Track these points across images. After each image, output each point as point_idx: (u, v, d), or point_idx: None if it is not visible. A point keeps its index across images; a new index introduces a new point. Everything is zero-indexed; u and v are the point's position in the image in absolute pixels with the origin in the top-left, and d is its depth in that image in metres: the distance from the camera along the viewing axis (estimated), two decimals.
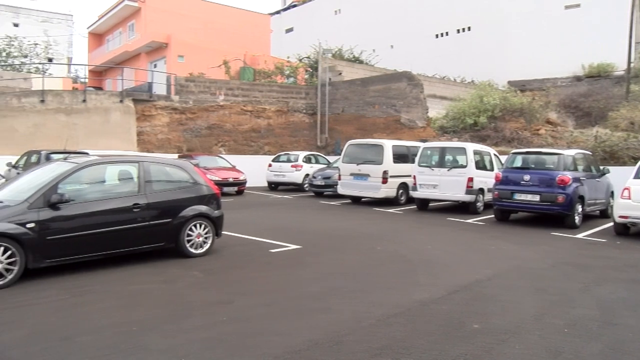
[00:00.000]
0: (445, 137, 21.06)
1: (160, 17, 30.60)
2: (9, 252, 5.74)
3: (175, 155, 18.98)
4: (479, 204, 13.66)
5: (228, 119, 23.76)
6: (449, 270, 7.16)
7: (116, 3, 33.65)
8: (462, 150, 13.65)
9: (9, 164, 15.03)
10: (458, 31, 41.15)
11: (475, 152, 13.73)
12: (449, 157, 14.05)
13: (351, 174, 15.64)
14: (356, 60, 31.65)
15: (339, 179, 16.11)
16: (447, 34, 41.88)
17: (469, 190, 13.30)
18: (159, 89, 23.00)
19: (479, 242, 9.50)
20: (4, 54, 30.75)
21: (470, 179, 13.29)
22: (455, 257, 8.10)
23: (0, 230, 5.71)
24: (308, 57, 31.08)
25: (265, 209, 14.56)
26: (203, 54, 29.10)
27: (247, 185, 19.06)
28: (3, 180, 12.37)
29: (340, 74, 26.67)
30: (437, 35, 42.51)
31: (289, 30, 54.09)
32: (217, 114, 23.46)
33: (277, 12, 56.88)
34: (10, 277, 5.78)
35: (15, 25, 44.15)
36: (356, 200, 16.37)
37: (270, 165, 20.82)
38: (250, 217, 12.32)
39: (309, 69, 30.37)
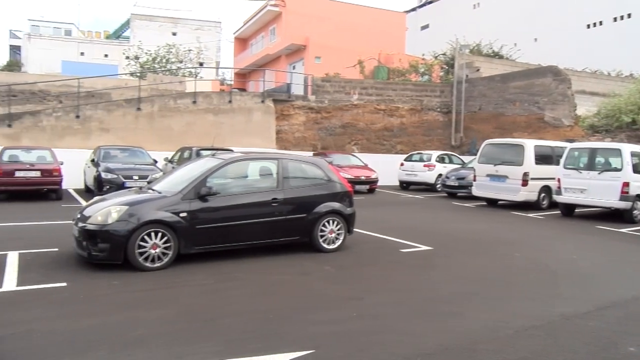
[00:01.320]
0: (596, 137, 19.18)
1: (299, 20, 31.89)
2: (165, 238, 6.42)
3: (311, 153, 19.70)
4: (636, 212, 12.24)
5: (361, 117, 24.06)
6: (598, 284, 6.53)
7: (259, 9, 35.76)
8: (617, 152, 12.32)
9: (166, 159, 16.75)
10: (615, 19, 37.21)
11: (633, 154, 12.32)
12: (600, 159, 12.78)
13: (487, 175, 14.94)
14: (495, 56, 30.13)
15: (474, 180, 15.48)
16: (600, 23, 38.10)
17: (624, 196, 11.97)
18: (297, 89, 24.02)
19: (636, 255, 8.52)
20: (164, 60, 34.29)
21: (626, 184, 11.95)
22: (605, 270, 7.36)
23: (159, 218, 6.41)
24: (444, 54, 30.27)
25: (396, 208, 14.49)
26: (339, 55, 29.75)
27: (379, 183, 19.13)
28: (161, 173, 13.81)
29: (477, 70, 25.59)
30: (588, 26, 38.88)
31: (425, 27, 53.16)
32: (350, 113, 23.87)
33: (413, 10, 56.20)
34: (166, 260, 6.45)
35: (174, 34, 49.01)
36: (492, 203, 15.60)
37: (402, 165, 20.68)
38: (381, 216, 12.36)
39: (444, 66, 29.58)
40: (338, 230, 7.94)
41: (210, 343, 4.10)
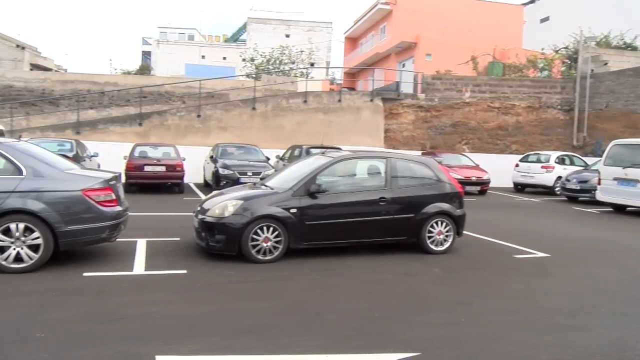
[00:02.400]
0: None
1: (410, 17, 31.44)
2: (276, 232, 6.67)
3: (419, 152, 19.36)
4: None
5: (473, 116, 23.18)
6: None
7: (370, 8, 35.81)
8: None
9: (277, 157, 17.39)
10: None
11: None
12: None
13: (615, 179, 13.67)
14: (627, 47, 27.46)
15: (599, 184, 14.24)
16: None
17: None
18: (406, 87, 23.72)
19: None
20: (277, 61, 35.58)
21: None
22: None
23: (271, 213, 6.68)
24: (566, 48, 28.21)
25: (510, 212, 13.78)
26: (450, 51, 28.90)
27: (491, 185, 18.31)
28: (273, 170, 14.37)
29: (605, 64, 23.52)
30: None
31: (544, 19, 49.80)
32: (462, 111, 23.10)
33: (531, 2, 52.92)
34: (276, 254, 6.71)
35: (287, 36, 50.63)
36: (619, 209, 14.24)
37: (517, 165, 19.61)
38: (492, 219, 11.83)
39: (566, 60, 27.57)
40: (447, 231, 7.73)
41: (317, 337, 4.19)
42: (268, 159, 16.25)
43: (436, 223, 7.66)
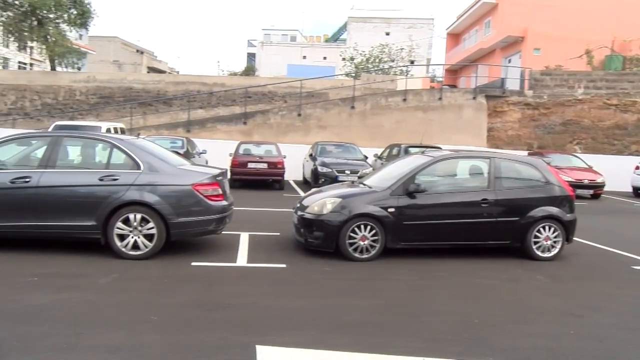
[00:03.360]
0: None
1: (517, 10, 29.87)
2: (373, 231, 6.66)
3: (525, 153, 18.35)
4: None
5: (587, 114, 21.53)
6: None
7: (474, 2, 34.52)
8: None
9: (375, 155, 17.35)
10: None
11: None
12: None
13: None
14: None
15: None
16: None
17: None
18: (512, 84, 22.58)
19: None
20: (377, 60, 35.47)
21: None
22: None
23: (369, 211, 6.68)
24: None
25: (628, 218, 12.65)
26: (562, 45, 27.05)
27: (605, 189, 16.90)
28: (371, 169, 14.36)
29: None
30: None
31: None
32: (574, 109, 21.55)
33: None
34: (373, 252, 6.70)
35: (387, 34, 50.29)
36: None
37: (637, 168, 17.93)
38: (607, 225, 10.93)
39: None
40: (555, 237, 7.26)
41: (413, 338, 4.13)
42: (366, 157, 16.26)
43: (543, 228, 7.22)
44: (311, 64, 53.45)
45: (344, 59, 38.30)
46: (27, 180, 6.16)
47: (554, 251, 7.27)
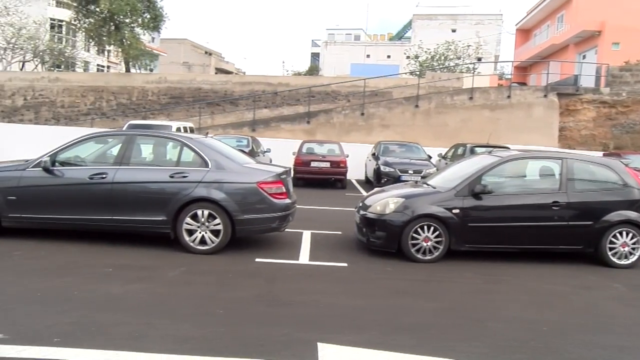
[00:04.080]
0: None
1: (593, 3, 28.29)
2: (437, 232, 6.54)
3: (600, 154, 17.38)
4: None
5: None
6: None
7: None
8: None
9: (439, 155, 17.02)
10: None
11: None
12: None
13: None
14: None
15: None
16: None
17: None
18: (586, 81, 21.48)
19: None
20: (442, 58, 34.78)
21: None
22: None
23: (432, 212, 6.57)
24: None
25: None
26: None
27: None
28: (435, 169, 14.11)
29: None
30: None
31: None
32: None
33: None
34: (436, 254, 6.57)
35: (453, 30, 49.23)
36: None
37: None
38: None
39: None
40: (633, 243, 6.82)
41: (478, 344, 4.02)
42: (430, 157, 15.99)
43: (620, 233, 6.80)
44: (375, 62, 53.21)
45: (408, 57, 37.81)
46: (104, 176, 6.51)
47: (633, 258, 6.84)
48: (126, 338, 3.72)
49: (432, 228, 6.54)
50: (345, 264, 6.32)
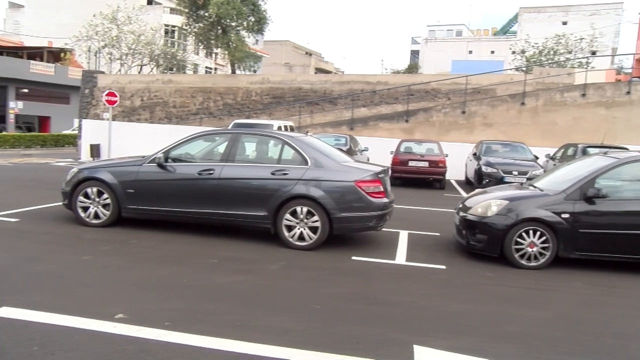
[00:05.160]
0: None
1: None
2: (543, 238, 6.17)
3: None
4: None
5: None
6: None
7: None
8: None
9: (547, 156, 16.03)
10: None
11: None
12: None
13: None
14: None
15: None
16: None
17: None
18: None
19: None
20: (551, 52, 32.72)
21: None
22: None
23: (539, 216, 6.20)
24: None
25: None
26: None
27: None
28: (542, 170, 13.32)
29: None
30: None
31: None
32: None
33: None
34: (542, 260, 6.21)
35: (564, 23, 46.13)
36: None
37: None
38: None
39: None
40: None
41: None
42: (536, 157, 15.11)
43: None
44: (477, 59, 51.30)
45: (513, 52, 36.03)
46: (211, 172, 6.90)
47: None
48: (229, 326, 3.91)
49: (538, 233, 6.19)
50: (444, 267, 6.17)
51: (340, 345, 3.71)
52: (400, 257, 6.54)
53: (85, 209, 7.28)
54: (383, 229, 7.31)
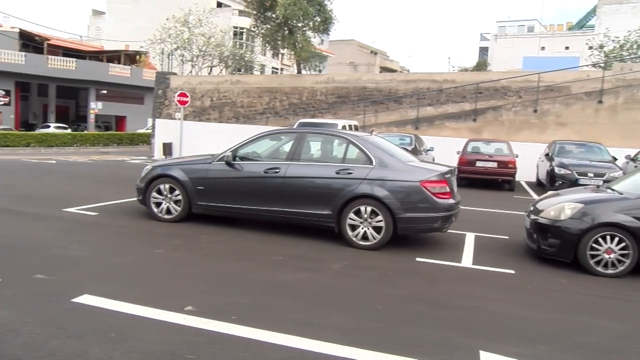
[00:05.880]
0: None
1: None
2: (622, 244, 5.80)
3: None
4: None
5: None
6: None
7: None
8: None
9: (627, 157, 15.08)
10: None
11: None
12: None
13: None
14: None
15: None
16: None
17: None
18: None
19: None
20: (634, 46, 30.73)
21: None
22: None
23: (617, 221, 5.84)
24: None
25: None
26: None
27: None
28: (621, 172, 12.56)
29: None
30: None
31: None
32: None
33: None
34: (621, 268, 5.84)
35: None
36: None
37: None
38: None
39: None
40: None
41: None
42: (615, 159, 14.23)
43: None
44: (550, 55, 49.08)
45: (590, 47, 34.08)
46: (277, 170, 7.02)
47: None
48: (294, 323, 3.97)
49: (616, 239, 5.83)
50: (513, 271, 5.95)
51: (404, 347, 3.67)
52: (467, 260, 6.37)
53: (158, 204, 7.62)
54: (449, 231, 7.16)
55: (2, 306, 3.91)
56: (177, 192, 7.51)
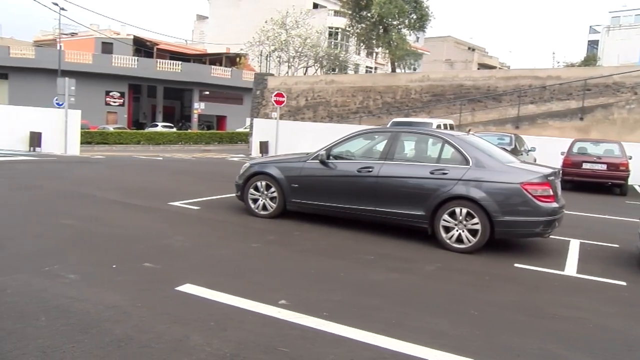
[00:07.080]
0: None
1: None
2: None
3: None
4: None
5: None
6: None
7: None
8: None
9: None
10: None
11: None
12: None
13: None
14: None
15: None
16: None
17: None
18: None
19: None
20: None
21: None
22: None
23: None
24: None
25: None
26: None
27: None
28: None
29: None
30: None
31: None
32: None
33: None
34: None
35: None
36: None
37: None
38: None
39: None
40: None
41: None
42: None
43: None
44: None
45: None
46: (370, 170, 7.02)
47: None
48: (384, 323, 3.95)
49: None
50: (624, 283, 5.49)
51: (498, 355, 3.53)
52: (570, 268, 5.98)
53: (255, 200, 7.92)
54: (551, 236, 6.75)
55: (115, 291, 4.27)
56: (272, 189, 7.76)
